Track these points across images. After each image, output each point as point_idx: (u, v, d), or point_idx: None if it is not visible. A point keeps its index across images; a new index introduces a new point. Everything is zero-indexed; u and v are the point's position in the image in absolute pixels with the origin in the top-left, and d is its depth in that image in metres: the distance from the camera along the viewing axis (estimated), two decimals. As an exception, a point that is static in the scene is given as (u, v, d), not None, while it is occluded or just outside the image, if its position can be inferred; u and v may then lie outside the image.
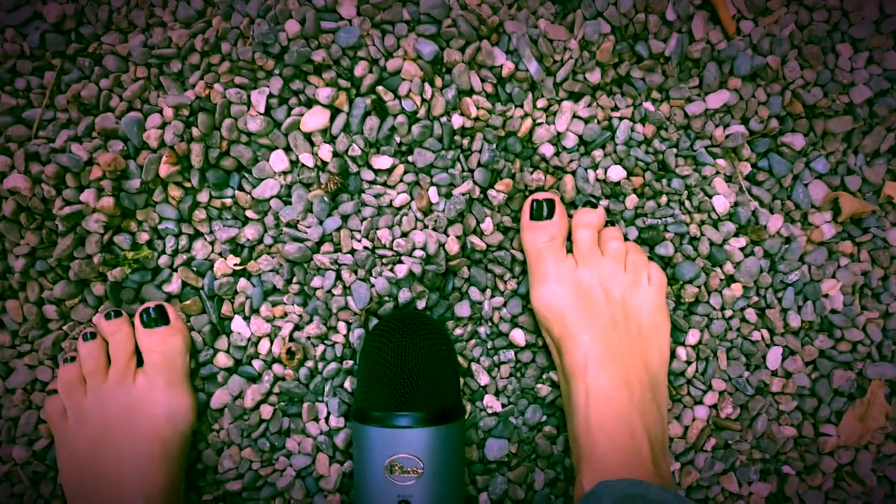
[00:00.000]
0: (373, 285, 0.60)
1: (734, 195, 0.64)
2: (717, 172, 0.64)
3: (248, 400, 0.60)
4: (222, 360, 0.61)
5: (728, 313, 0.64)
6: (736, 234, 0.64)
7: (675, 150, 0.63)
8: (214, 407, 0.61)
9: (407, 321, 0.56)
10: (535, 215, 0.60)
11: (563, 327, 0.59)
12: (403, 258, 0.60)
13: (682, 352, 0.64)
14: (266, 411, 0.61)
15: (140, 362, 0.58)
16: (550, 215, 0.60)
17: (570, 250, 0.62)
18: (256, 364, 0.61)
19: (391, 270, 0.60)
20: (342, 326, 0.61)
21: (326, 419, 0.61)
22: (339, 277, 0.60)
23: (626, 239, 0.63)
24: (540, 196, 0.61)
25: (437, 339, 0.56)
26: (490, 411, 0.62)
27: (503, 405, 0.63)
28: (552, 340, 0.61)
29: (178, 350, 0.58)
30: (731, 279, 0.64)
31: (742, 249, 0.64)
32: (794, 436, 0.65)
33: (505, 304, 0.63)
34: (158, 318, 0.58)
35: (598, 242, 0.61)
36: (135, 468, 0.54)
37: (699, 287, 0.63)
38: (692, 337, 0.64)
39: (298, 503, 0.61)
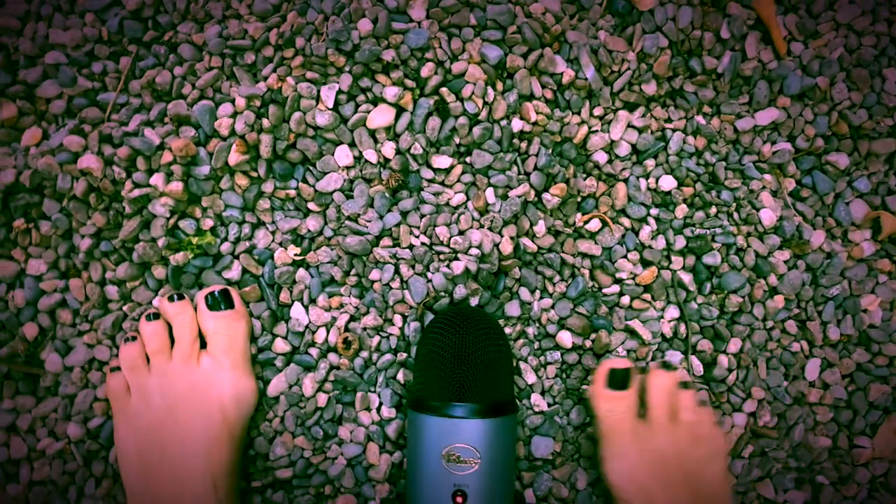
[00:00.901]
0: (430, 280, 0.61)
1: (780, 209, 0.66)
2: (764, 187, 0.66)
3: (307, 388, 0.61)
4: (280, 345, 0.62)
5: (770, 324, 0.66)
6: (780, 248, 0.66)
7: (724, 163, 0.65)
8: (271, 395, 0.62)
9: (467, 315, 0.57)
10: (613, 385, 0.60)
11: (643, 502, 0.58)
12: (460, 255, 0.61)
13: (723, 359, 0.65)
14: (321, 399, 0.62)
15: (202, 345, 0.60)
16: (627, 385, 0.60)
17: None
18: (313, 352, 0.62)
19: (448, 267, 0.61)
20: (398, 319, 0.62)
21: (378, 409, 0.63)
22: (397, 271, 0.62)
23: (691, 385, 0.62)
24: (617, 365, 0.61)
25: (495, 335, 0.57)
26: (536, 409, 0.64)
27: (549, 404, 0.64)
28: None
29: (242, 334, 0.59)
30: (774, 291, 0.66)
31: (786, 262, 0.66)
32: (829, 446, 0.67)
33: (553, 306, 0.65)
34: (223, 302, 0.59)
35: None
36: (201, 446, 0.55)
37: (743, 297, 0.65)
38: (734, 345, 0.65)
39: (348, 491, 0.62)
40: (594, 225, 0.65)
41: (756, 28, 0.65)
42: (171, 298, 0.59)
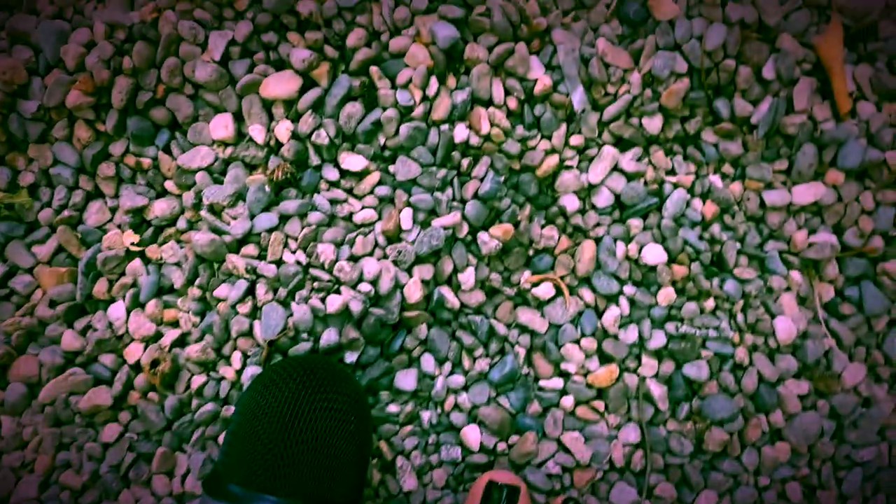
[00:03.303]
0: (291, 313, 0.44)
1: (805, 322, 0.47)
2: (789, 288, 0.47)
3: (85, 400, 0.44)
4: (69, 340, 0.45)
5: (764, 481, 0.46)
6: (797, 376, 0.47)
7: (738, 244, 0.47)
8: (41, 400, 0.45)
9: (312, 370, 0.40)
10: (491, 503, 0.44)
11: None
12: (343, 288, 0.44)
13: (688, 517, 0.46)
14: (111, 432, 0.44)
15: None
16: None
17: None
18: (107, 360, 0.45)
19: (322, 300, 0.44)
20: (236, 358, 0.45)
21: (183, 479, 0.45)
22: (250, 291, 0.45)
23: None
24: (500, 478, 0.44)
25: (347, 407, 0.39)
26: (406, 530, 0.45)
27: (427, 526, 0.46)
28: None
29: None
30: (777, 435, 0.46)
31: (801, 398, 0.46)
32: None
33: (466, 388, 0.47)
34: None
35: None
36: None
37: (731, 434, 0.46)
38: (706, 500, 0.46)
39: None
40: (545, 291, 0.47)
41: (813, 74, 0.48)
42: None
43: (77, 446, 0.45)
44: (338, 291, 0.44)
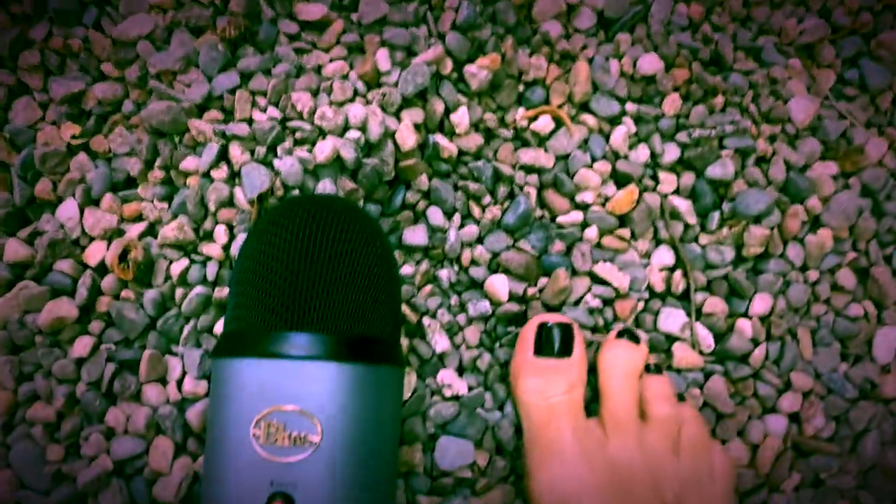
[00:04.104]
0: (276, 171, 0.38)
1: (817, 105, 0.44)
2: (790, 77, 0.45)
3: (45, 315, 0.37)
4: (16, 249, 0.38)
5: (813, 275, 0.43)
6: (822, 157, 0.44)
7: (731, 42, 0.45)
8: None
9: (321, 202, 0.34)
10: (544, 348, 0.39)
11: None
12: (329, 136, 0.39)
13: (745, 326, 0.42)
14: (83, 345, 0.37)
15: None
16: (568, 351, 0.39)
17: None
18: (64, 266, 0.38)
19: (309, 151, 0.39)
20: (221, 232, 0.38)
21: (179, 382, 0.38)
22: (224, 156, 0.39)
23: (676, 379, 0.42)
24: (551, 319, 0.39)
25: (368, 233, 0.34)
26: (448, 394, 0.39)
27: (470, 388, 0.40)
28: None
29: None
30: (816, 221, 0.44)
31: (833, 179, 0.44)
32: (920, 471, 0.42)
33: (481, 240, 0.42)
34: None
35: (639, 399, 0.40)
36: None
37: (771, 229, 0.42)
38: (760, 303, 0.42)
39: (110, 518, 0.36)
40: (543, 125, 0.43)
41: None
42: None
43: (43, 372, 0.37)
44: (324, 138, 0.39)
